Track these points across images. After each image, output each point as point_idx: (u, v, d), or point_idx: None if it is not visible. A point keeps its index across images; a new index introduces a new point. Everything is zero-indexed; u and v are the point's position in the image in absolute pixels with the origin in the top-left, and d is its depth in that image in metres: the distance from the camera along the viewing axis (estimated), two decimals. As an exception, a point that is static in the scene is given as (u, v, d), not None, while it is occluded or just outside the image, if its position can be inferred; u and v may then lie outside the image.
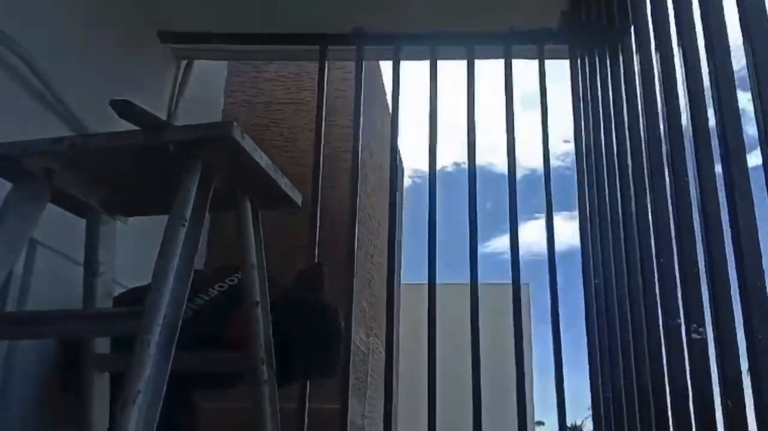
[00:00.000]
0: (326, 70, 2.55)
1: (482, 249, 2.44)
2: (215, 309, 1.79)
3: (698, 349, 1.20)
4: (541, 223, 2.36)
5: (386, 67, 2.67)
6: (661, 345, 1.46)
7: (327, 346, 1.78)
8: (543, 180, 2.31)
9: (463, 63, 2.45)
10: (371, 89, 3.25)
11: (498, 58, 2.51)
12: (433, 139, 2.43)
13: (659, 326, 1.45)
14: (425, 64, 2.46)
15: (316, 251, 2.35)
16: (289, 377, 1.75)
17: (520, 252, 2.29)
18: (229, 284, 1.85)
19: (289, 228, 2.85)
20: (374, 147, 3.25)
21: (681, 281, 1.28)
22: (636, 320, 1.62)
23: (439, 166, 2.46)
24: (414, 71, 2.61)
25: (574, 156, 2.29)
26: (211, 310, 1.77)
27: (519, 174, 2.37)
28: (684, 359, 1.31)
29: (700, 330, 1.20)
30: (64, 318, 1.23)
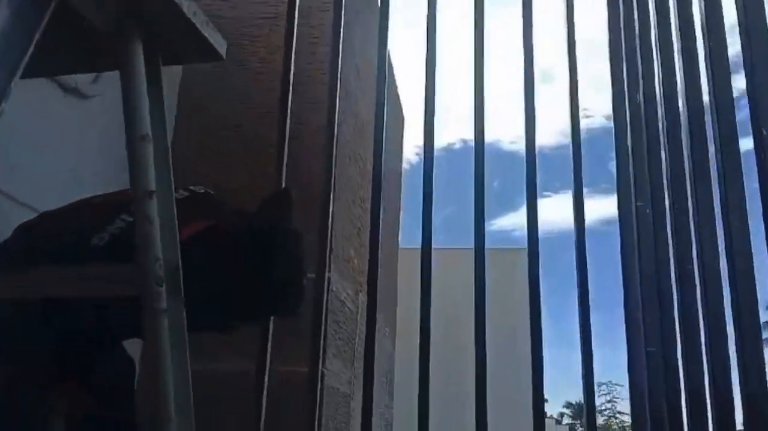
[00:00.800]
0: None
1: (488, 227, 2.04)
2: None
3: None
4: (550, 201, 1.90)
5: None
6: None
7: (300, 278, 1.39)
8: (552, 159, 1.86)
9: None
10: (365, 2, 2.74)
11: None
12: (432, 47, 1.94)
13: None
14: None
15: (283, 181, 1.87)
16: (257, 314, 1.41)
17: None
18: None
19: (259, 172, 2.37)
20: (365, 73, 2.75)
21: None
22: (707, 238, 1.12)
23: (445, 142, 2.05)
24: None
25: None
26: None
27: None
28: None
29: None
30: None
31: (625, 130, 1.64)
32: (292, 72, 2.02)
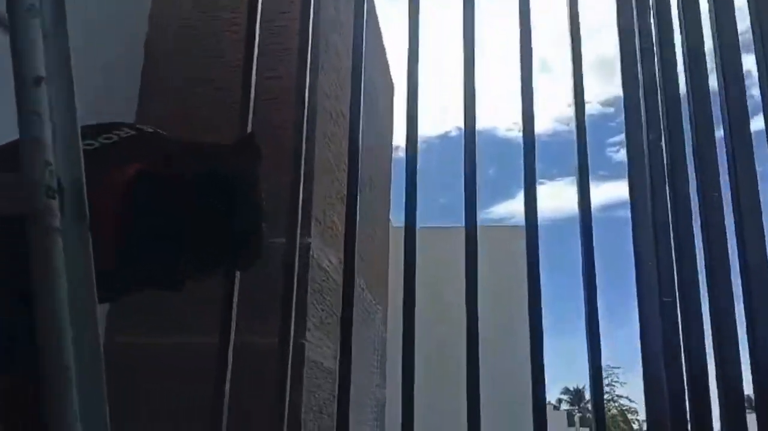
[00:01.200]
0: None
1: (483, 215, 1.86)
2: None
3: None
4: (546, 189, 1.68)
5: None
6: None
7: (260, 227, 1.27)
8: (549, 146, 1.63)
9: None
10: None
11: None
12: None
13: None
14: None
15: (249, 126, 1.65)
16: (215, 261, 1.26)
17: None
18: (102, 143, 1.20)
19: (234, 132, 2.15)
20: (347, 20, 2.53)
21: None
22: (743, 164, 0.91)
23: (441, 130, 1.84)
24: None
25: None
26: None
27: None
28: None
29: None
30: None
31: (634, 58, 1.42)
32: (258, 13, 1.79)
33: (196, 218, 1.16)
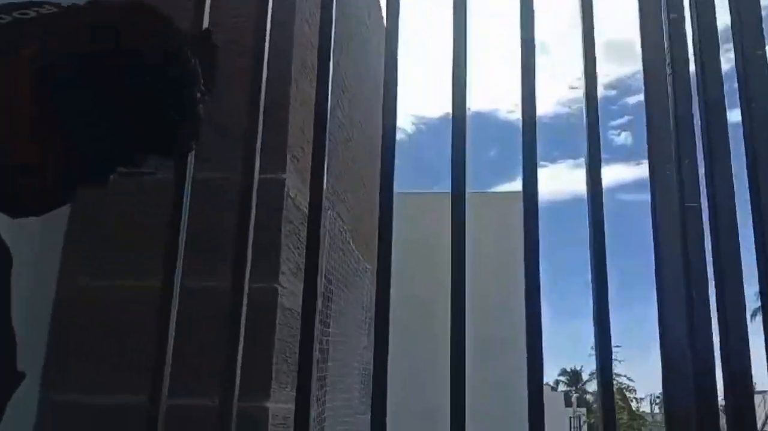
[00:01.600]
0: None
1: None
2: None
3: None
4: (546, 171, 1.42)
5: None
6: None
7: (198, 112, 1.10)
8: (549, 129, 1.36)
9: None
10: None
11: None
12: None
13: None
14: None
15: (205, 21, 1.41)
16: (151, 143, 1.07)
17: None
18: (16, 18, 1.00)
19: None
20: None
21: None
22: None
23: (442, 112, 1.58)
24: None
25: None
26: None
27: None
28: None
29: None
30: None
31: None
32: None
33: (129, 101, 0.98)
